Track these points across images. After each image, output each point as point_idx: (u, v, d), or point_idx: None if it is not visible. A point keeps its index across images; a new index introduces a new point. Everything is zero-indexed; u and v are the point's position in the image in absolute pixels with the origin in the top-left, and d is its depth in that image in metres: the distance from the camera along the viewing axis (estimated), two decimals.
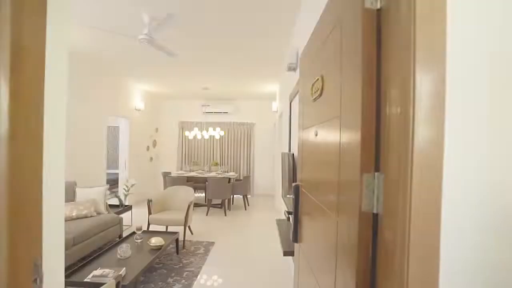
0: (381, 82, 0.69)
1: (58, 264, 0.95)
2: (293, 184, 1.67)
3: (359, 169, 0.71)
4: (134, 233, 3.28)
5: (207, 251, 3.64)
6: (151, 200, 3.93)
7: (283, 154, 3.00)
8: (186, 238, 3.95)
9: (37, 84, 0.76)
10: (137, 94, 6.47)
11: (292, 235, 1.68)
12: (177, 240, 3.47)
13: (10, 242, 0.69)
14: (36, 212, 0.77)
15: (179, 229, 4.05)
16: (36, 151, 0.76)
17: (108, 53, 4.16)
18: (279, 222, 3.07)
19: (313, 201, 1.30)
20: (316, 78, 1.18)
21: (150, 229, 3.82)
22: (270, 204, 6.72)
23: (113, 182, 7.18)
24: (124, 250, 2.73)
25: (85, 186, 4.48)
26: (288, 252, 2.30)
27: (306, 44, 1.54)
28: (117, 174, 6.36)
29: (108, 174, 7.96)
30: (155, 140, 7.55)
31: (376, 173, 0.69)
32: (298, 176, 1.68)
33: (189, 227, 4.18)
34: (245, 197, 6.20)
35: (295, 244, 1.76)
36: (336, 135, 0.91)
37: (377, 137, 0.70)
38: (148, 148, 7.11)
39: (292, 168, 2.16)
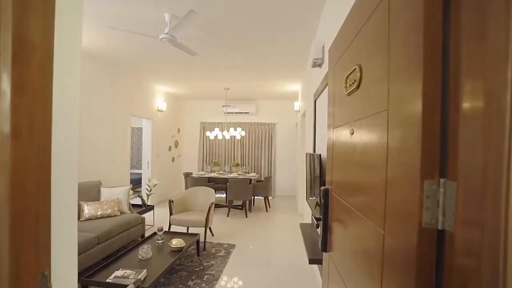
0: (449, 67, 0.54)
1: (70, 273, 0.88)
2: (322, 188, 1.53)
3: (419, 175, 0.57)
4: (155, 233, 3.26)
5: (228, 254, 3.56)
6: (172, 201, 3.92)
7: (307, 155, 2.85)
8: (207, 240, 3.90)
9: (44, 78, 0.69)
10: (159, 96, 6.57)
11: (320, 243, 1.54)
12: (198, 242, 3.42)
13: (13, 252, 0.61)
14: (43, 218, 0.70)
15: (200, 230, 4.02)
16: (43, 150, 0.69)
17: (131, 55, 4.21)
18: (303, 226, 2.92)
19: (347, 207, 1.16)
20: (352, 69, 1.04)
21: (171, 230, 3.80)
22: (292, 206, 6.54)
23: (136, 182, 7.35)
24: (145, 251, 2.71)
25: (109, 185, 4.58)
26: (314, 260, 2.15)
27: (336, 34, 1.39)
28: (141, 174, 6.48)
29: (132, 174, 8.18)
30: (177, 141, 7.63)
31: (442, 180, 0.55)
32: (328, 179, 1.53)
33: (210, 228, 4.13)
34: (266, 198, 6.08)
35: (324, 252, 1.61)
36: (381, 133, 0.77)
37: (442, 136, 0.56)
38: (170, 149, 7.20)
39: (319, 170, 2.01)
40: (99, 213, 3.45)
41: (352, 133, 1.07)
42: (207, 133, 6.30)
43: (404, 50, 0.65)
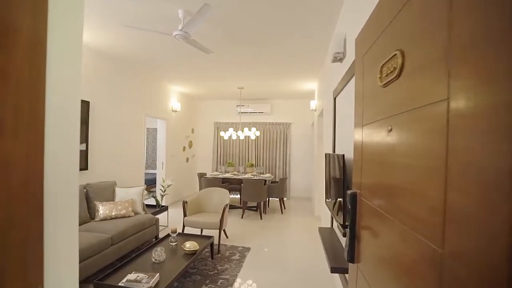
0: None
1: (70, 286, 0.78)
2: (348, 192, 1.38)
3: (509, 183, 0.42)
4: (169, 235, 3.20)
5: (242, 257, 3.45)
6: (186, 202, 3.86)
7: (327, 156, 2.69)
8: (221, 242, 3.81)
9: (33, 68, 0.59)
10: (174, 96, 6.56)
11: (347, 253, 1.39)
12: (212, 245, 3.32)
13: None
14: (34, 228, 0.60)
15: (214, 232, 3.93)
16: (35, 149, 0.60)
17: (145, 55, 4.19)
18: (322, 231, 2.76)
19: (381, 214, 1.01)
20: (391, 55, 0.89)
21: (185, 232, 3.73)
22: (308, 208, 6.36)
23: (151, 182, 7.39)
24: (158, 253, 2.64)
25: (124, 186, 4.58)
26: (337, 269, 1.99)
27: (366, 21, 1.24)
28: (156, 174, 6.49)
29: (147, 174, 8.24)
30: (191, 141, 7.62)
31: None
32: (355, 182, 1.38)
33: (224, 230, 4.03)
34: (281, 200, 5.93)
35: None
36: (437, 128, 0.62)
37: None
38: (184, 149, 7.19)
39: (342, 172, 1.85)
40: (113, 214, 3.43)
41: (390, 130, 0.92)
42: (221, 133, 6.22)
43: (482, 17, 0.50)
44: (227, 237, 4.16)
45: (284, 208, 6.14)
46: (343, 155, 1.81)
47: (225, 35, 3.36)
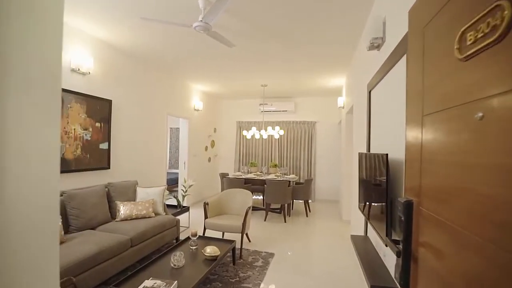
0: None
1: None
2: (401, 199, 1.11)
3: None
4: (188, 238, 3.05)
5: (266, 264, 3.22)
6: (207, 203, 3.71)
7: (361, 156, 2.39)
8: (243, 246, 3.61)
9: None
10: (196, 95, 6.49)
11: (399, 275, 1.12)
12: (233, 249, 3.13)
13: None
14: None
15: (236, 235, 3.74)
16: None
17: (165, 52, 4.10)
18: (356, 240, 2.47)
19: (456, 231, 0.75)
20: (486, 9, 0.63)
21: (205, 234, 3.58)
22: (335, 212, 6.00)
23: (174, 182, 7.39)
24: (177, 258, 2.49)
25: (146, 185, 4.53)
26: None
27: None
28: (178, 174, 6.45)
29: (170, 174, 8.28)
30: (213, 141, 7.53)
31: None
32: (410, 186, 1.12)
33: (246, 234, 3.84)
34: (306, 202, 5.63)
35: None
36: None
37: None
38: (206, 148, 7.11)
39: (384, 175, 1.57)
40: (134, 214, 3.35)
41: (481, 118, 0.65)
42: (244, 133, 6.04)
43: None
44: (249, 241, 3.96)
45: (309, 211, 5.83)
46: (386, 154, 1.52)
47: (248, 26, 3.16)
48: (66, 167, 3.19)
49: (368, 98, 2.61)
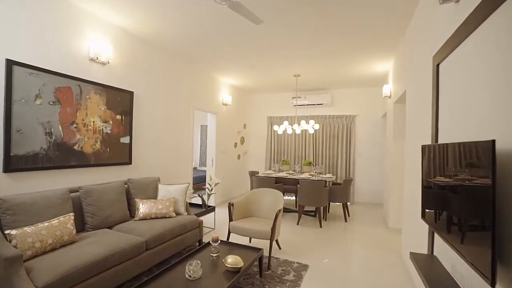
0: None
1: None
2: None
3: None
4: (209, 243, 2.69)
5: (298, 278, 2.73)
6: (232, 204, 3.32)
7: (428, 149, 1.79)
8: (272, 255, 3.17)
9: None
10: (224, 88, 6.17)
11: None
12: (261, 259, 2.69)
13: None
14: None
15: (264, 241, 3.31)
16: None
17: (189, 40, 3.78)
18: (418, 259, 1.87)
19: None
20: None
21: (230, 239, 3.20)
22: (378, 217, 5.26)
23: (203, 180, 7.18)
24: (193, 269, 2.12)
25: (170, 183, 4.29)
26: None
27: None
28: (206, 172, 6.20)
29: (200, 171, 8.11)
30: (243, 137, 7.17)
31: None
32: None
33: (276, 240, 3.38)
34: (345, 205, 5.00)
35: None
36: None
37: None
38: (235, 145, 6.77)
39: (490, 175, 1.00)
40: (153, 213, 3.08)
41: None
42: (275, 127, 5.57)
43: None
44: (279, 248, 3.49)
45: (348, 216, 5.18)
46: (493, 142, 0.96)
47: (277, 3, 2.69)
48: (84, 161, 3.01)
49: (435, 73, 1.99)
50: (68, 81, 2.83)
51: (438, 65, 1.95)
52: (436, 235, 1.96)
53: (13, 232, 2.03)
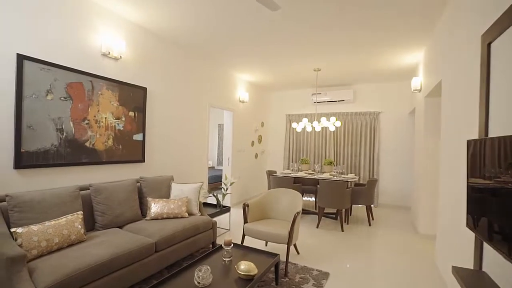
0: None
1: None
2: None
3: None
4: (221, 247, 2.51)
5: (318, 287, 2.49)
6: (247, 205, 3.12)
7: (472, 144, 1.50)
8: (289, 260, 2.94)
9: None
10: (241, 85, 6.00)
11: None
12: (277, 265, 2.48)
13: None
14: None
15: (281, 246, 3.09)
16: None
17: (207, 37, 3.64)
18: (463, 275, 1.57)
19: None
20: None
21: (244, 242, 3.01)
22: (406, 221, 4.86)
23: (220, 179, 7.06)
24: (202, 275, 1.94)
25: (183, 182, 4.18)
26: None
27: None
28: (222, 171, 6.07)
29: (217, 171, 8.01)
30: (260, 135, 6.97)
31: None
32: None
33: (294, 245, 3.15)
34: (369, 208, 4.66)
35: None
36: None
37: None
38: (253, 144, 6.58)
39: None
40: (165, 213, 2.96)
41: None
42: (293, 125, 5.32)
43: None
44: (298, 253, 3.25)
45: (373, 219, 4.83)
46: None
47: None
48: (96, 158, 2.94)
49: (485, 54, 1.67)
50: (79, 76, 2.76)
51: (489, 44, 1.63)
52: (485, 247, 1.65)
53: (19, 230, 1.96)
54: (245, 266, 2.08)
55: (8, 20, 2.25)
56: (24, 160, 2.37)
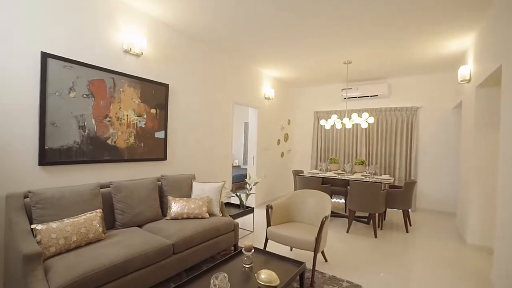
0: None
1: None
2: None
3: None
4: (241, 252, 2.34)
5: None
6: (271, 207, 2.92)
7: None
8: (316, 268, 2.69)
9: None
10: (267, 81, 5.79)
11: None
12: (302, 274, 2.25)
13: None
14: None
15: (308, 252, 2.84)
16: None
17: (231, 32, 3.48)
18: None
19: None
20: None
21: (267, 248, 2.81)
22: (450, 229, 4.34)
23: (245, 178, 6.92)
24: (219, 283, 1.78)
25: (206, 181, 4.09)
26: None
27: None
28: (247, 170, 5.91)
29: (243, 170, 7.89)
30: (286, 134, 6.72)
31: None
32: None
33: (322, 252, 2.89)
34: (405, 212, 4.22)
35: None
36: None
37: None
38: (279, 142, 6.35)
39: None
40: (185, 213, 2.86)
41: None
42: (321, 122, 5.01)
43: None
44: (325, 260, 2.98)
45: (410, 225, 4.38)
46: None
47: None
48: (118, 156, 2.92)
49: None
50: (101, 73, 2.75)
51: None
52: None
53: (39, 227, 1.94)
54: (265, 276, 1.88)
55: (32, 19, 2.27)
56: (48, 157, 2.38)
